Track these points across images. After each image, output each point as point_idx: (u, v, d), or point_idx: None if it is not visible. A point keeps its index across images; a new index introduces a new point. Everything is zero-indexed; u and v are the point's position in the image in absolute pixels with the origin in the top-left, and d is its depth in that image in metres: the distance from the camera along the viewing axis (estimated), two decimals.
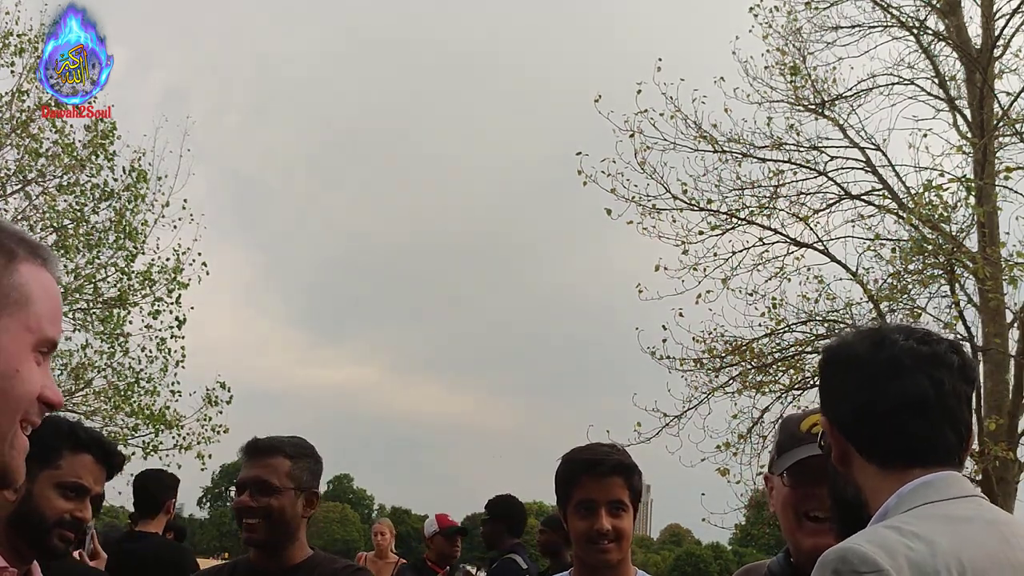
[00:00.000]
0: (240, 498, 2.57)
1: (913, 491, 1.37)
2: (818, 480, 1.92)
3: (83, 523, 2.13)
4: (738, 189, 10.74)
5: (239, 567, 2.70)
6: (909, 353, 1.44)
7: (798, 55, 11.36)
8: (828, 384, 1.56)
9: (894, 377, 1.43)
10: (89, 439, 2.17)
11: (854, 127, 11.00)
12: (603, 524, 2.35)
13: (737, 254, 10.57)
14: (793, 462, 1.98)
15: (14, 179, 12.34)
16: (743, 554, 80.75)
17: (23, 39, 12.26)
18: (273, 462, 2.59)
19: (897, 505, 1.37)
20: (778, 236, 10.60)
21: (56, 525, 2.08)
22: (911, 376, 1.43)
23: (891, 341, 1.46)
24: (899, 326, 1.55)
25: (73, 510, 2.11)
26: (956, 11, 10.64)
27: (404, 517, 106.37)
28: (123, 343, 12.88)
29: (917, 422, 1.42)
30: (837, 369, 1.53)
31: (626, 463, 2.43)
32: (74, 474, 2.12)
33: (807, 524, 1.95)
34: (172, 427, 13.02)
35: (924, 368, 1.43)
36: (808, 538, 1.94)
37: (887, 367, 1.44)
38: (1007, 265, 8.99)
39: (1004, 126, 10.13)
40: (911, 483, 1.38)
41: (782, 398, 10.61)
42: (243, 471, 2.62)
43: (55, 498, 2.08)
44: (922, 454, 1.41)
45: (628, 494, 2.40)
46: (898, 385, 1.43)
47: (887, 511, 1.37)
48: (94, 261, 12.65)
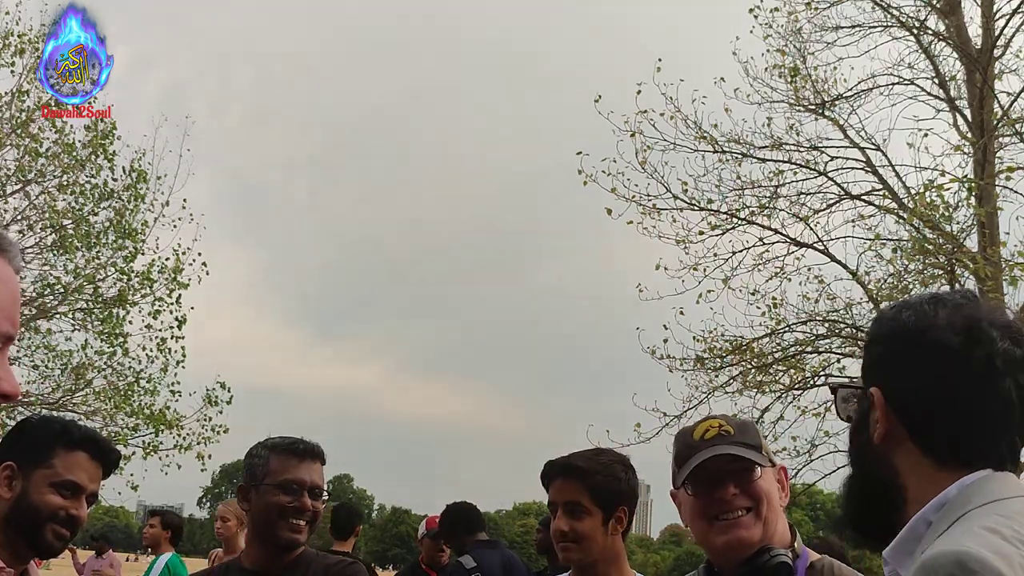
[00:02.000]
0: (301, 499, 2.57)
1: (978, 485, 1.30)
2: (719, 483, 1.99)
3: (78, 521, 2.13)
4: (738, 189, 10.75)
5: (232, 567, 2.70)
6: (1004, 356, 1.33)
7: (798, 55, 11.36)
8: (897, 360, 1.40)
9: (984, 380, 1.32)
10: (82, 437, 2.17)
11: (854, 127, 11.01)
12: (559, 526, 2.42)
13: (737, 254, 10.58)
14: (691, 468, 2.00)
15: (14, 179, 12.34)
16: None
17: (23, 39, 12.26)
18: (320, 468, 2.66)
19: (961, 498, 1.29)
20: (778, 236, 10.61)
21: (50, 521, 2.08)
22: (1001, 381, 1.32)
23: (988, 338, 1.34)
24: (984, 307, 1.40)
25: (68, 507, 2.11)
26: (956, 11, 10.63)
27: (404, 517, 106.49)
28: (123, 343, 12.88)
29: (996, 430, 1.33)
30: (916, 350, 1.37)
31: (579, 465, 2.44)
32: (68, 472, 2.12)
33: (716, 524, 1.98)
34: (172, 427, 13.01)
35: (1015, 373, 1.33)
36: (719, 536, 1.98)
37: (979, 367, 1.33)
38: (1007, 265, 8.99)
39: (1004, 126, 10.12)
40: (973, 476, 1.31)
41: (782, 398, 10.62)
42: (299, 472, 2.60)
43: (49, 495, 2.09)
44: (987, 458, 1.33)
45: (587, 496, 2.42)
46: (987, 390, 1.32)
47: (946, 503, 1.30)
48: (94, 261, 12.66)
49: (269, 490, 2.57)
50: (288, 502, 2.55)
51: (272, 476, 2.59)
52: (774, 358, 10.60)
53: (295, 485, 2.57)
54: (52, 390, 12.73)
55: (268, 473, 2.60)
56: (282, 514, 2.55)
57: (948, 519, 1.28)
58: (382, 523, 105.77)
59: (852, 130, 11.00)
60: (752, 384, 10.56)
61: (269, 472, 2.60)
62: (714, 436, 2.03)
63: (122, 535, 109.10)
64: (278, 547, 2.58)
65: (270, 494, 2.57)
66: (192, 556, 68.25)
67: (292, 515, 2.56)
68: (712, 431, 2.05)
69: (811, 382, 10.71)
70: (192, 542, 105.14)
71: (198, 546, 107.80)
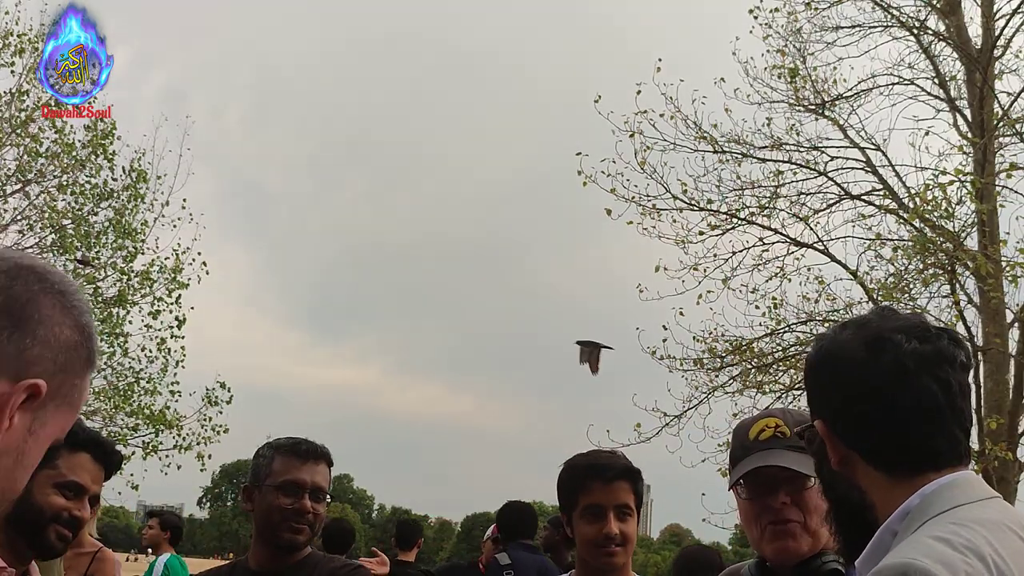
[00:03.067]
0: (301, 502, 2.55)
1: (937, 493, 1.31)
2: (772, 489, 1.93)
3: (81, 521, 2.13)
4: (738, 189, 10.74)
5: (238, 568, 2.68)
6: (913, 355, 1.35)
7: (798, 56, 11.36)
8: (821, 387, 1.45)
9: (900, 384, 1.35)
10: (87, 439, 2.17)
11: (854, 127, 11.02)
12: (612, 528, 2.39)
13: (737, 254, 10.57)
14: (742, 474, 1.95)
15: (14, 179, 12.34)
16: (743, 554, 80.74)
17: (23, 39, 12.27)
18: (325, 469, 2.63)
19: (921, 507, 1.31)
20: (778, 236, 10.60)
21: (53, 522, 2.08)
22: (917, 380, 1.34)
23: (892, 344, 1.36)
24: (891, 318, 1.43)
25: (71, 508, 2.11)
26: (956, 11, 10.63)
27: (404, 517, 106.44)
28: (123, 343, 12.88)
29: (927, 427, 1.34)
30: (832, 373, 1.42)
31: (632, 468, 2.46)
32: (72, 473, 2.12)
33: (768, 530, 1.94)
34: (172, 427, 13.02)
35: (930, 370, 1.35)
36: (768, 544, 1.94)
37: (891, 373, 1.35)
38: (1008, 264, 8.98)
39: (1004, 126, 10.13)
40: (932, 484, 1.32)
41: (782, 398, 10.61)
42: (300, 473, 2.58)
43: (53, 496, 2.09)
44: (934, 458, 1.34)
45: (634, 498, 2.43)
46: (905, 392, 1.34)
47: (909, 512, 1.31)
48: (93, 260, 12.65)
49: (271, 491, 2.56)
50: (288, 504, 2.54)
51: (274, 477, 2.58)
52: (774, 358, 10.60)
53: (296, 487, 2.56)
54: None
55: (271, 473, 2.59)
56: (283, 516, 2.54)
57: (911, 528, 1.30)
58: (382, 523, 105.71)
59: (852, 130, 11.02)
60: (752, 384, 10.56)
61: (272, 472, 2.59)
62: (768, 438, 1.96)
63: (122, 535, 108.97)
64: (280, 548, 2.57)
65: (272, 495, 2.56)
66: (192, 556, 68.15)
67: (292, 517, 2.54)
68: (767, 432, 1.97)
69: None
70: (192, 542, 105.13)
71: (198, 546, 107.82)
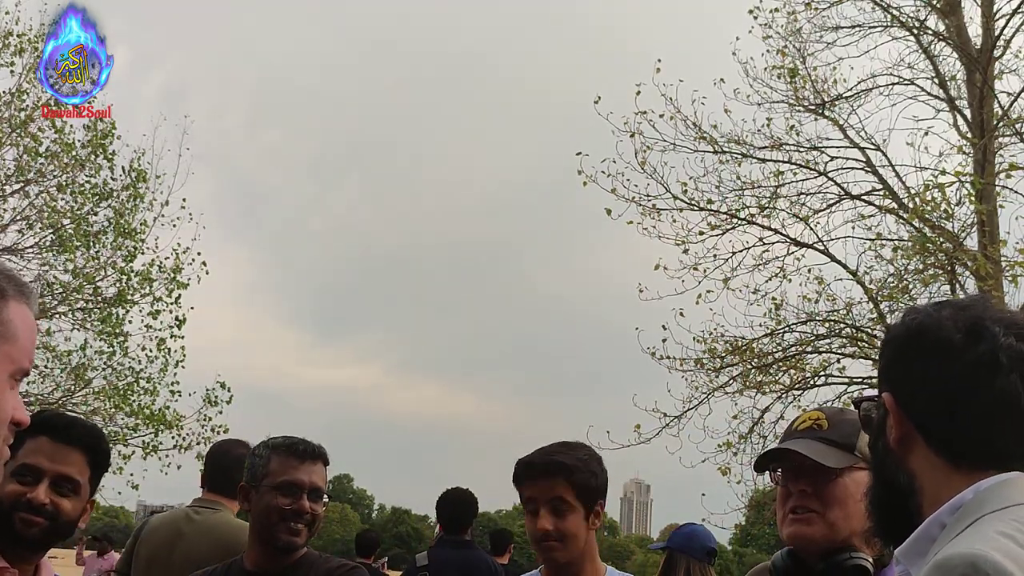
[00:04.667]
0: (299, 502, 2.54)
1: (992, 490, 1.29)
2: (795, 476, 1.97)
3: (41, 505, 2.07)
4: (738, 189, 10.74)
5: (233, 568, 2.67)
6: (1008, 351, 1.34)
7: (798, 56, 11.36)
8: (905, 362, 1.42)
9: (991, 376, 1.33)
10: (39, 421, 2.09)
11: (854, 127, 11.01)
12: (543, 524, 2.35)
13: (737, 254, 10.56)
14: (760, 455, 2.03)
15: (14, 179, 12.34)
16: (743, 554, 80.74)
17: (23, 39, 12.27)
18: (322, 469, 2.62)
19: (976, 501, 1.29)
20: (778, 236, 10.60)
21: (13, 511, 2.03)
22: (1007, 377, 1.32)
23: (991, 334, 1.35)
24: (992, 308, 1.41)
25: (26, 492, 2.05)
26: (956, 11, 10.63)
27: (404, 517, 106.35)
28: (123, 343, 12.88)
29: (1004, 425, 1.33)
30: (922, 351, 1.39)
31: (564, 462, 2.38)
32: (24, 457, 2.07)
33: (788, 516, 1.97)
34: (172, 427, 13.01)
35: (1020, 369, 1.33)
36: (785, 528, 1.97)
37: (985, 364, 1.33)
38: (1008, 265, 8.99)
39: (1004, 126, 10.13)
40: (989, 479, 1.31)
41: (782, 398, 10.62)
42: (298, 474, 2.57)
43: (9, 485, 2.04)
44: (1002, 457, 1.33)
45: (573, 493, 2.37)
46: (993, 385, 1.32)
47: (962, 506, 1.30)
48: (93, 261, 12.65)
49: (268, 491, 2.55)
50: (286, 504, 2.53)
51: (271, 477, 2.57)
52: (774, 358, 10.60)
53: (294, 487, 2.55)
54: (52, 390, 12.73)
55: (268, 474, 2.58)
56: (281, 516, 2.53)
57: (963, 522, 1.28)
58: (382, 523, 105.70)
59: (852, 130, 11.02)
60: (752, 384, 10.56)
61: (269, 473, 2.58)
62: (805, 428, 2.00)
63: (122, 535, 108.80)
64: (277, 549, 2.56)
65: (269, 496, 2.55)
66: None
67: (291, 518, 2.54)
68: (806, 423, 2.02)
69: (811, 382, 10.71)
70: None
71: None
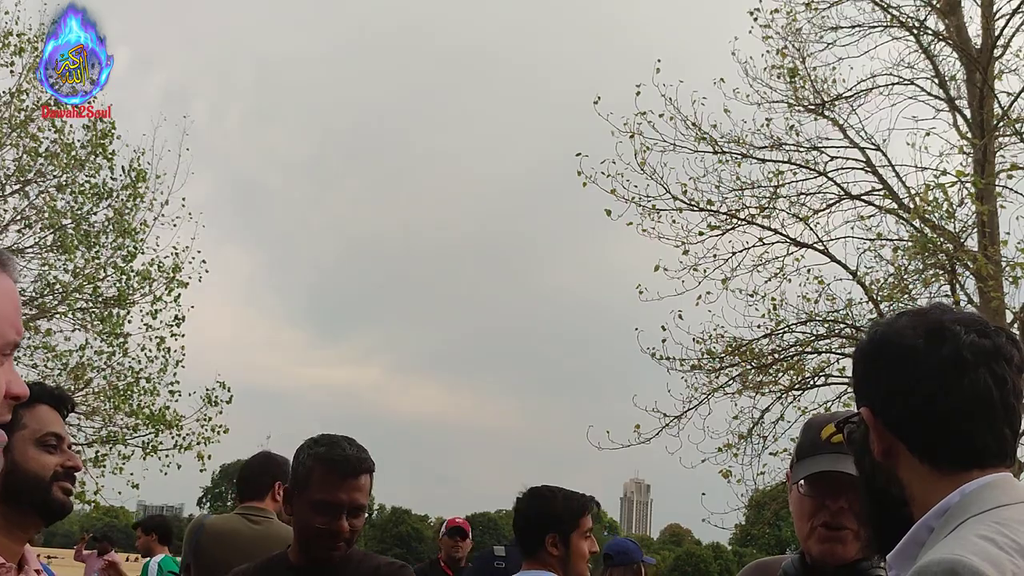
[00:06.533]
0: (337, 523, 2.46)
1: (978, 492, 1.30)
2: (834, 492, 1.92)
3: (76, 467, 2.06)
4: (738, 189, 10.73)
5: (279, 561, 2.63)
6: (971, 348, 1.34)
7: (798, 56, 11.35)
8: (874, 375, 1.43)
9: (957, 375, 1.34)
10: (39, 391, 2.07)
11: (854, 127, 10.99)
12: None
13: (737, 254, 10.56)
14: (808, 474, 1.95)
15: (13, 179, 12.34)
16: (743, 554, 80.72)
17: (23, 39, 12.26)
18: (366, 481, 2.53)
19: (961, 504, 1.30)
20: (778, 236, 10.59)
21: (54, 481, 2.01)
22: (974, 373, 1.33)
23: (952, 334, 1.35)
24: (950, 311, 1.42)
25: (63, 461, 2.04)
26: (956, 11, 10.62)
27: (404, 517, 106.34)
28: (122, 343, 12.87)
29: (979, 423, 1.33)
30: (887, 360, 1.40)
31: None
32: (46, 425, 2.04)
33: (819, 532, 1.93)
34: (172, 427, 13.00)
35: (986, 364, 1.34)
36: (816, 544, 1.93)
37: (949, 364, 1.34)
38: (1008, 265, 8.99)
39: (1004, 126, 10.12)
40: (974, 483, 1.31)
41: (782, 398, 10.61)
42: (338, 492, 2.46)
43: (41, 455, 2.02)
44: (982, 455, 1.34)
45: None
46: (961, 384, 1.33)
47: (948, 510, 1.31)
48: (93, 261, 12.65)
49: (306, 507, 2.49)
50: (323, 524, 2.47)
51: (311, 492, 2.49)
52: (774, 359, 10.59)
53: (332, 507, 2.47)
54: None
55: (309, 487, 2.50)
56: (317, 534, 2.48)
57: (948, 526, 1.29)
58: (382, 523, 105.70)
59: (852, 130, 10.99)
60: (752, 385, 10.56)
61: (311, 485, 2.50)
62: (839, 441, 1.91)
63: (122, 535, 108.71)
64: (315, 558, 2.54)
65: (307, 513, 2.49)
66: None
67: (327, 538, 2.48)
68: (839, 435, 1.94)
69: (811, 382, 10.70)
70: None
71: None
